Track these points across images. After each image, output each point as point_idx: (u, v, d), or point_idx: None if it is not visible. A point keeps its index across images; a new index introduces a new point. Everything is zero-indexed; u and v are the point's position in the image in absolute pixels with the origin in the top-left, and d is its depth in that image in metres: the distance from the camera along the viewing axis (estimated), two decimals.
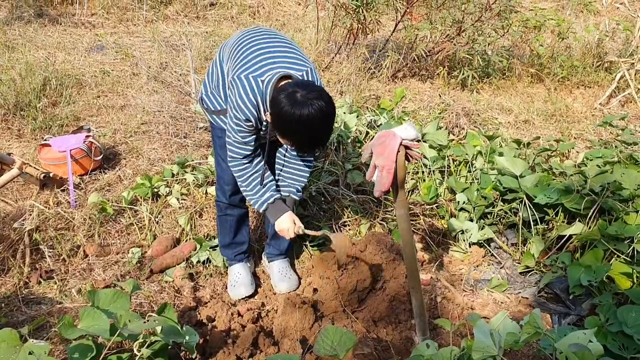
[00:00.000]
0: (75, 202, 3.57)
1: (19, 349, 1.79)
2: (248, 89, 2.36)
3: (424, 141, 4.02)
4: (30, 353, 1.77)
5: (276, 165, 2.77)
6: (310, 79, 2.45)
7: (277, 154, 2.75)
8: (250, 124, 2.44)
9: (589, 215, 3.13)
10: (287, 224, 2.61)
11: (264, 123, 2.48)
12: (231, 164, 2.60)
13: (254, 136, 2.52)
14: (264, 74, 2.37)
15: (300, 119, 2.20)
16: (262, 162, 2.61)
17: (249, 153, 2.54)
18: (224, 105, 2.67)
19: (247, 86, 2.36)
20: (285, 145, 2.62)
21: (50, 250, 3.19)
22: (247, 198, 2.69)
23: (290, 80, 2.36)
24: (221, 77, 2.65)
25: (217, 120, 2.75)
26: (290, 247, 3.20)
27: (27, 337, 1.82)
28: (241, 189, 2.66)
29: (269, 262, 3.19)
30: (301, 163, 2.73)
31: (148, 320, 2.08)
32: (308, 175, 2.77)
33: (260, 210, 2.66)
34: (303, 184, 2.77)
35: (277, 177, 2.76)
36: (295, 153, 2.69)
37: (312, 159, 2.76)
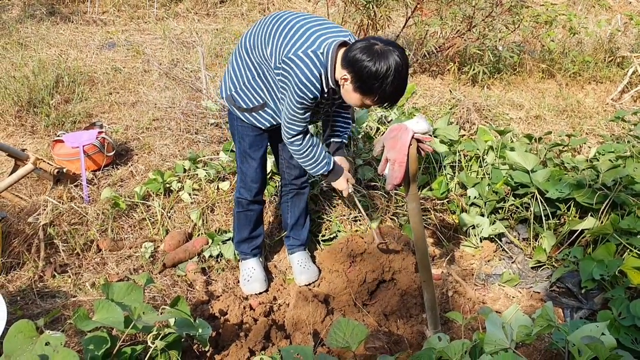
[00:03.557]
0: (89, 197, 3.60)
1: (36, 340, 1.82)
2: (311, 65, 2.32)
3: (435, 136, 4.01)
4: (46, 344, 1.79)
5: (323, 119, 2.86)
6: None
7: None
8: (315, 97, 2.41)
9: (601, 210, 3.12)
10: (345, 184, 2.82)
11: (325, 95, 2.46)
12: (294, 142, 2.57)
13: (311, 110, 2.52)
14: (320, 45, 2.33)
15: (388, 71, 2.17)
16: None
17: (305, 128, 2.55)
18: (264, 97, 2.62)
19: (309, 62, 2.32)
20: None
21: (64, 245, 3.22)
22: (307, 168, 2.71)
23: (347, 45, 2.33)
24: (254, 68, 2.58)
25: (250, 117, 2.70)
26: (308, 237, 3.23)
27: (43, 329, 1.85)
28: (303, 162, 2.66)
29: (289, 255, 3.22)
30: (343, 112, 2.82)
31: (162, 313, 2.10)
32: (350, 121, 2.89)
33: (321, 175, 2.76)
34: (350, 130, 2.92)
35: (328, 129, 2.87)
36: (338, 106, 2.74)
37: (350, 106, 2.78)
